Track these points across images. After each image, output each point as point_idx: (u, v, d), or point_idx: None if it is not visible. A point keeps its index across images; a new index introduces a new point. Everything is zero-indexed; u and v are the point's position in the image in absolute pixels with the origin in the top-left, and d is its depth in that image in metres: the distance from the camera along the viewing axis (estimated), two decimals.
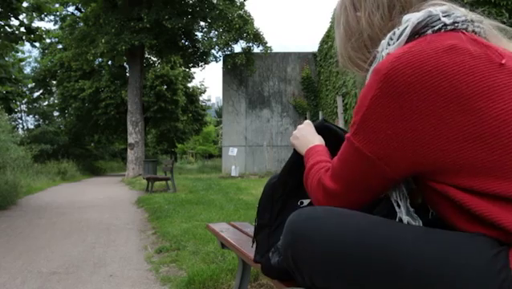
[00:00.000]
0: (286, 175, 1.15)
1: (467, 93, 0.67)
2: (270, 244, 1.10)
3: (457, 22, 0.75)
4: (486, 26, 0.78)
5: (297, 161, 1.10)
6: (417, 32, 0.76)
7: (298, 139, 1.12)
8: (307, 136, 1.10)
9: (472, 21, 0.76)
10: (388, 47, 0.78)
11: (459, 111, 0.67)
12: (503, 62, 0.69)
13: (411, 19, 0.77)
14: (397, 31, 0.78)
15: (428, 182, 0.75)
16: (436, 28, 0.74)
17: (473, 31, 0.75)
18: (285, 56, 16.43)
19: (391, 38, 0.79)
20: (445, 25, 0.74)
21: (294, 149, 1.14)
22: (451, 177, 0.70)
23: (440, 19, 0.75)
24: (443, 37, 0.72)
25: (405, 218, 0.79)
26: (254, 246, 1.20)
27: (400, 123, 0.71)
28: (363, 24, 0.89)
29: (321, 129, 1.13)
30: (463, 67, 0.68)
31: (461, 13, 0.76)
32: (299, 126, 1.15)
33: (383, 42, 0.80)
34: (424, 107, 0.69)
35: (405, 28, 0.77)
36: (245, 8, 17.05)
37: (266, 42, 16.20)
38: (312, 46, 39.56)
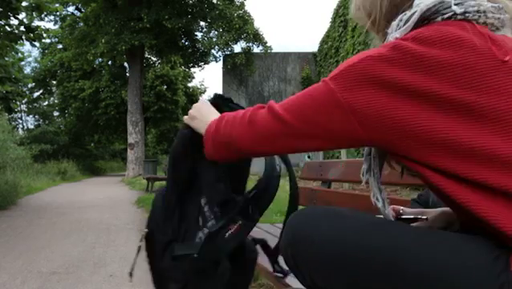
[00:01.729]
0: (174, 171, 1.08)
1: (463, 87, 0.66)
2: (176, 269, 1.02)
3: (468, 13, 0.72)
4: (509, 14, 0.75)
5: (185, 150, 1.04)
6: (427, 18, 0.74)
7: (196, 118, 1.02)
8: (208, 115, 1.00)
9: (484, 12, 0.73)
10: (397, 30, 0.76)
11: (451, 100, 0.67)
12: (506, 59, 0.67)
13: (420, 5, 0.75)
14: (405, 16, 0.76)
15: (407, 163, 0.73)
16: (445, 16, 0.72)
17: (485, 23, 0.73)
18: (285, 56, 16.43)
19: (400, 20, 0.77)
20: (455, 14, 0.72)
21: (181, 134, 1.07)
22: (427, 155, 0.68)
23: (450, 7, 0.72)
24: (451, 27, 0.70)
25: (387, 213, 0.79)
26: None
27: (389, 89, 0.69)
28: None
29: (217, 105, 1.05)
30: (465, 60, 0.67)
31: (475, 2, 0.73)
32: (195, 104, 1.06)
33: (393, 23, 0.78)
34: (417, 86, 0.68)
35: (414, 13, 0.75)
36: (245, 8, 17.09)
37: (266, 42, 16.23)
38: (312, 46, 39.45)
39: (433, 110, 0.67)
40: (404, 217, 0.97)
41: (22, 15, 7.97)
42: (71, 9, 18.72)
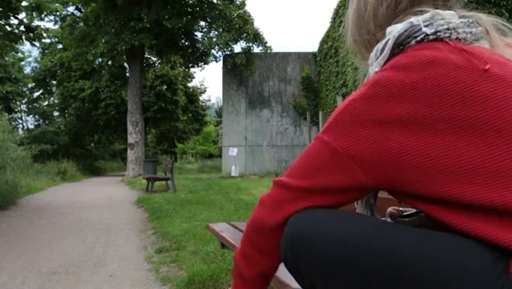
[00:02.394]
0: None
1: (447, 104, 0.67)
2: None
3: (439, 31, 0.74)
4: (483, 27, 0.77)
5: None
6: (401, 43, 0.76)
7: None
8: None
9: (455, 28, 0.74)
10: (376, 61, 0.78)
11: (435, 121, 0.68)
12: (487, 67, 0.68)
13: (392, 32, 0.77)
14: (380, 45, 0.78)
15: (410, 202, 0.74)
16: (418, 38, 0.74)
17: (457, 38, 0.74)
18: (285, 56, 16.42)
19: (377, 50, 0.79)
20: (427, 35, 0.74)
21: None
22: (429, 185, 0.68)
23: (421, 29, 0.74)
24: (425, 50, 0.72)
25: None
26: None
27: (378, 125, 0.71)
28: (370, 13, 0.86)
29: None
30: (445, 78, 0.68)
31: (444, 21, 0.75)
32: None
33: (372, 54, 0.80)
34: (405, 114, 0.69)
35: (387, 41, 0.77)
36: (245, 8, 17.07)
37: (266, 42, 16.20)
38: (312, 46, 39.53)
39: (429, 134, 0.68)
40: (405, 214, 0.97)
41: (22, 15, 7.97)
42: (71, 9, 18.75)
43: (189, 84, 27.80)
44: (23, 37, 7.92)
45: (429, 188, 0.69)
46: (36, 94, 27.17)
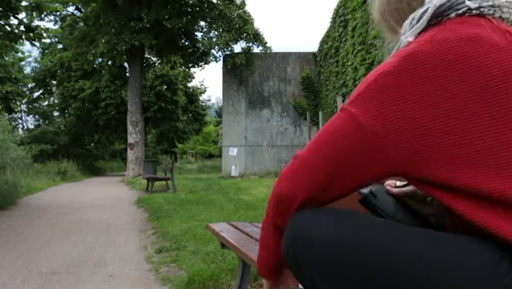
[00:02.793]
0: None
1: (488, 86, 0.63)
2: None
3: (483, 7, 0.69)
4: None
5: None
6: (440, 14, 0.71)
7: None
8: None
9: (499, 6, 0.70)
10: (410, 31, 0.73)
11: (477, 103, 0.63)
12: None
13: (433, 1, 0.72)
14: (417, 13, 0.74)
15: (421, 187, 0.71)
16: (460, 12, 0.69)
17: (501, 17, 0.70)
18: (285, 56, 16.42)
19: (412, 18, 0.74)
20: (470, 9, 0.69)
21: None
22: (442, 166, 0.65)
23: (464, 2, 0.70)
24: (466, 25, 0.67)
25: None
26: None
27: (410, 103, 0.66)
28: None
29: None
30: (486, 58, 0.64)
31: None
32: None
33: (406, 22, 0.76)
34: (441, 94, 0.65)
35: (426, 10, 0.72)
36: (245, 8, 17.07)
37: (266, 43, 16.21)
38: (312, 46, 39.55)
39: (462, 116, 0.64)
40: (399, 185, 0.97)
41: (21, 15, 7.98)
42: (71, 9, 18.75)
43: (189, 84, 27.83)
44: (23, 37, 7.92)
45: (448, 173, 0.65)
46: (36, 94, 27.18)
